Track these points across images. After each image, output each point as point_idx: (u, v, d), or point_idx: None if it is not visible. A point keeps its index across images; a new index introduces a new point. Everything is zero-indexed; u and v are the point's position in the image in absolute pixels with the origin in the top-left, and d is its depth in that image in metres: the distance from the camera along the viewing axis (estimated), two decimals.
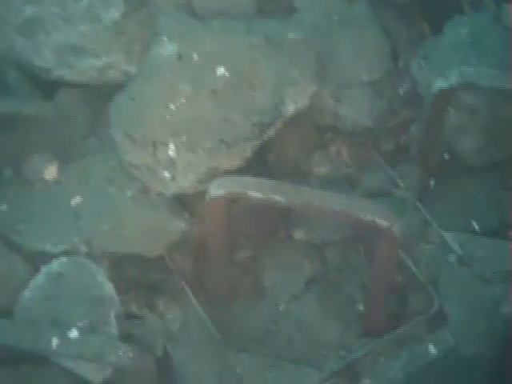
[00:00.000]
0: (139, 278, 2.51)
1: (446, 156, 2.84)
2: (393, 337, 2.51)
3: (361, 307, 2.67)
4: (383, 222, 2.21)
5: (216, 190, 2.25)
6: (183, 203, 2.55)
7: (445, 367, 2.74)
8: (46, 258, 2.30)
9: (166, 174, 2.38)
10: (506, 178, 2.83)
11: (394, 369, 2.50)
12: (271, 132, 2.46)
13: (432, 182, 2.84)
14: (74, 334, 1.95)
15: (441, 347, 2.53)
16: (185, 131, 2.37)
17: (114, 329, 2.13)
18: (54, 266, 2.22)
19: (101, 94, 2.67)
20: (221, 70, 2.43)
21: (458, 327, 2.48)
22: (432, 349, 2.53)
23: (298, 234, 2.74)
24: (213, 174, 2.38)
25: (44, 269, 2.23)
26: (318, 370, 2.49)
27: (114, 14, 2.55)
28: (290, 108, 2.48)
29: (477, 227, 2.74)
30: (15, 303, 2.15)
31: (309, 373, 2.49)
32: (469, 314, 2.47)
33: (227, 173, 2.40)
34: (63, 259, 2.25)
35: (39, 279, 2.19)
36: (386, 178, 2.81)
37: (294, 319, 2.64)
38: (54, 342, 1.90)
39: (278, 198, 2.22)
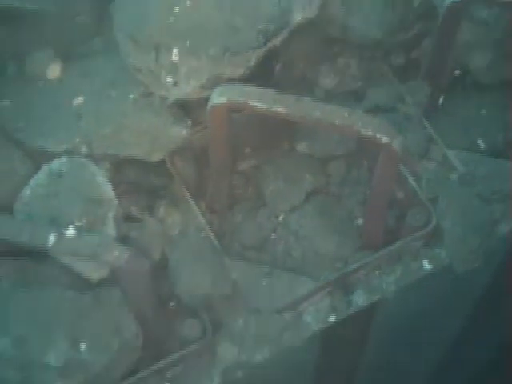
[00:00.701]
0: (140, 181, 2.53)
1: (457, 72, 2.78)
2: (388, 251, 2.54)
3: (360, 221, 2.69)
4: (384, 138, 2.19)
5: (218, 97, 2.23)
6: (186, 110, 2.53)
7: (438, 284, 2.79)
8: (47, 156, 2.32)
9: (169, 79, 2.36)
10: None
11: (387, 282, 2.55)
12: (277, 41, 2.41)
13: (441, 99, 2.79)
14: (70, 232, 1.98)
15: (436, 264, 2.57)
16: (189, 36, 2.32)
17: (111, 230, 2.16)
18: (55, 164, 2.24)
19: None
20: None
21: (454, 244, 2.50)
22: (426, 265, 2.56)
23: (301, 147, 2.73)
24: (216, 82, 2.35)
25: (45, 167, 2.25)
26: (313, 279, 2.54)
27: None
28: (298, 16, 2.42)
29: (482, 146, 2.71)
30: (15, 200, 2.18)
31: (303, 282, 2.53)
32: (465, 231, 2.48)
33: (230, 81, 2.37)
34: (64, 159, 2.26)
35: (40, 177, 2.21)
36: (393, 93, 2.76)
37: (292, 230, 2.67)
38: (51, 238, 1.94)
39: (280, 109, 2.19)
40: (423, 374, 4.26)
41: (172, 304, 2.48)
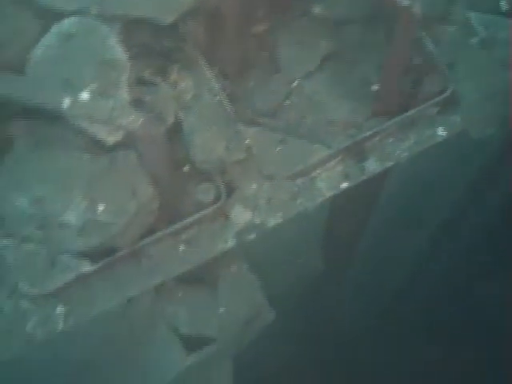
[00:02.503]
0: (152, 44, 2.46)
1: None
2: (403, 118, 2.51)
3: (375, 88, 2.64)
4: (404, 0, 2.11)
5: None
6: None
7: (452, 151, 2.79)
8: (57, 16, 2.25)
9: None
10: None
11: (400, 149, 2.54)
12: None
13: None
14: (84, 95, 1.96)
15: (450, 131, 2.55)
16: None
17: (125, 93, 2.13)
18: (65, 25, 2.17)
19: None
20: None
21: (470, 110, 2.47)
22: (441, 131, 2.55)
23: (317, 9, 2.64)
24: None
25: (55, 28, 2.18)
26: (326, 146, 2.54)
27: None
28: None
29: (505, 8, 2.61)
30: (26, 60, 2.14)
31: (317, 149, 2.54)
32: (482, 97, 2.45)
33: None
34: (74, 19, 2.18)
35: (50, 38, 2.15)
36: None
37: (306, 96, 2.64)
38: (65, 101, 1.92)
39: None
40: (409, 261, 4.35)
41: (186, 168, 2.49)
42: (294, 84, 2.65)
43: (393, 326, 5.08)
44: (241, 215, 2.49)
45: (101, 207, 2.19)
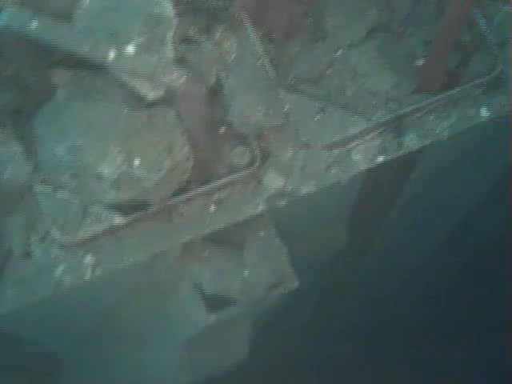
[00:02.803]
0: (199, 2, 2.45)
1: None
2: (446, 96, 2.47)
3: (419, 63, 2.60)
4: None
5: None
6: None
7: (494, 132, 2.74)
8: None
9: None
10: None
11: (441, 127, 2.51)
12: None
13: None
14: (130, 49, 1.95)
15: (494, 112, 2.50)
16: None
17: (169, 50, 2.12)
18: None
19: None
20: None
21: None
22: (484, 112, 2.50)
23: None
24: None
25: None
26: (365, 119, 2.51)
27: None
28: None
29: None
30: (74, 9, 2.13)
31: (356, 120, 2.51)
32: None
33: None
34: None
35: None
36: None
37: (349, 66, 2.60)
38: (111, 54, 1.91)
39: None
40: (431, 245, 4.31)
41: (222, 129, 2.49)
42: (338, 53, 2.62)
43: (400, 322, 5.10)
44: (273, 181, 2.49)
45: (136, 162, 2.19)
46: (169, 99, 2.25)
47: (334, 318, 5.03)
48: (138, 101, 2.23)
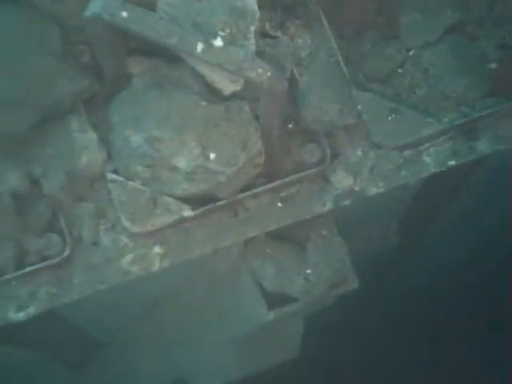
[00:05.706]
0: None
1: None
2: None
3: (493, 65, 2.55)
4: None
5: None
6: None
7: None
8: None
9: None
10: None
11: None
12: None
13: None
14: (218, 42, 1.92)
15: None
16: None
17: (252, 44, 2.10)
18: None
19: None
20: None
21: None
22: None
23: None
24: None
25: None
26: (437, 121, 2.47)
27: None
28: None
29: None
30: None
31: (428, 122, 2.47)
32: None
33: None
34: None
35: None
36: None
37: (422, 66, 2.56)
38: (199, 46, 1.89)
39: None
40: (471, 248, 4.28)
41: (290, 126, 2.46)
42: (411, 52, 2.58)
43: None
44: (342, 180, 2.46)
45: (212, 155, 2.18)
46: (244, 93, 2.24)
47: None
48: (213, 93, 2.21)
